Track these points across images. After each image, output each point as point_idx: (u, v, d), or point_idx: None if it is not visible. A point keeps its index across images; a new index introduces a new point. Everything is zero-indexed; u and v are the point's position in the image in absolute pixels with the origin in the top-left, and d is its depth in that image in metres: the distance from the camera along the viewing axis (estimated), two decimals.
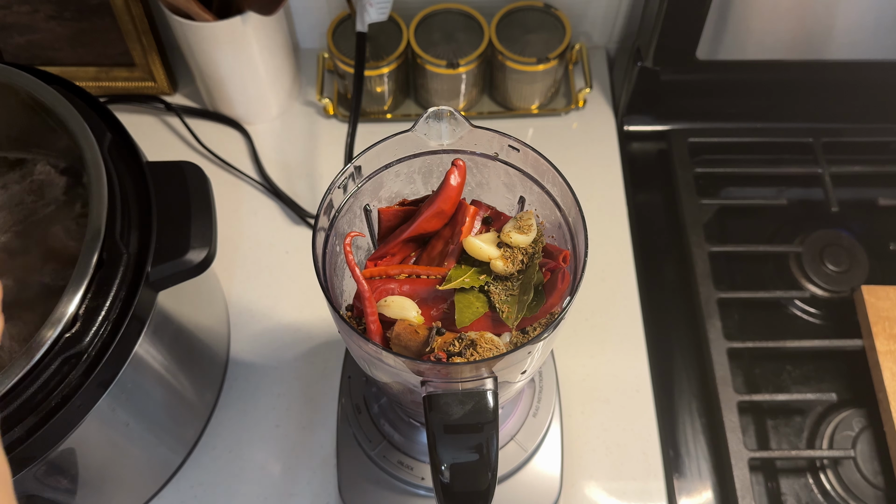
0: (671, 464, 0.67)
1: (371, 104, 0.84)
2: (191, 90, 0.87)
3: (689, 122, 0.85)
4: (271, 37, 0.77)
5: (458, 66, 0.78)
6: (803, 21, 0.72)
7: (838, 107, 0.83)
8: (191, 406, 0.65)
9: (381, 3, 0.75)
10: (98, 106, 0.55)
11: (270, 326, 0.73)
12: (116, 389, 0.49)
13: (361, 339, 0.39)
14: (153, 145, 0.83)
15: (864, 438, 0.67)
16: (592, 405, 0.69)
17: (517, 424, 0.60)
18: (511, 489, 0.60)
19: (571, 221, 0.44)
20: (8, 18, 0.78)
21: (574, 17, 0.85)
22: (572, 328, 0.73)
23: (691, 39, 0.73)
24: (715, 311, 0.72)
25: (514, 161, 0.46)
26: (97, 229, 0.47)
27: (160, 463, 0.64)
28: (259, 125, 0.85)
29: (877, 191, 0.80)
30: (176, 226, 0.52)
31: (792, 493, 0.66)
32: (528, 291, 0.43)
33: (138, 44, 0.80)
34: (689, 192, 0.79)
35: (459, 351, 0.41)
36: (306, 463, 0.66)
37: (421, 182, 0.49)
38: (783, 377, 0.72)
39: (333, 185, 0.43)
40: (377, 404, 0.60)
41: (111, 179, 0.49)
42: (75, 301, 0.45)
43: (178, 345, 0.59)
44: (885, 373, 0.66)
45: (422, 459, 0.58)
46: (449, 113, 0.44)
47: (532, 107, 0.85)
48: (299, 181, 0.81)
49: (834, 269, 0.75)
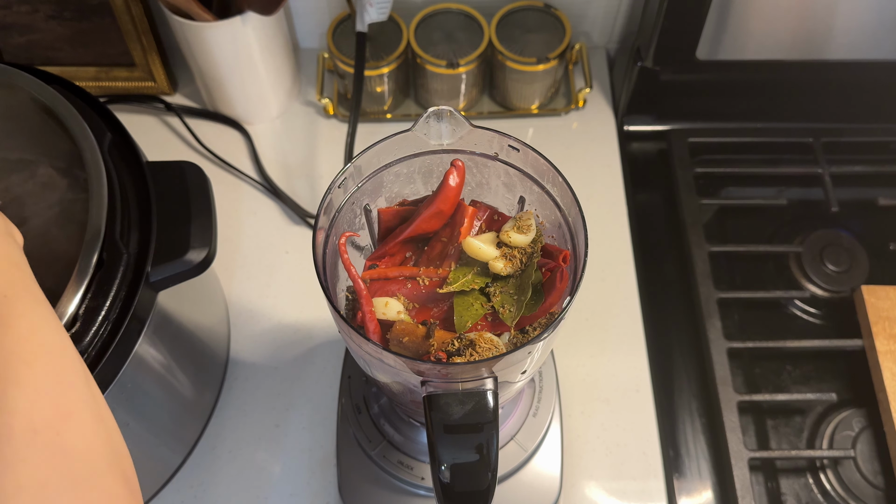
0: (671, 464, 0.67)
1: (371, 104, 0.84)
2: (191, 90, 0.87)
3: (689, 122, 0.85)
4: (271, 37, 0.77)
5: (458, 66, 0.78)
6: (803, 21, 0.72)
7: (838, 107, 0.83)
8: (191, 406, 0.65)
9: (381, 3, 0.75)
10: (98, 106, 0.55)
11: (270, 326, 0.73)
12: (116, 389, 0.49)
13: (361, 338, 0.39)
14: (153, 145, 0.83)
15: (864, 438, 0.67)
16: (592, 405, 0.69)
17: (517, 424, 0.60)
18: (511, 489, 0.60)
19: (571, 221, 0.44)
20: (8, 18, 0.78)
21: (574, 17, 0.85)
22: (572, 328, 0.73)
23: (691, 39, 0.73)
24: (715, 311, 0.72)
25: (514, 161, 0.46)
26: (97, 229, 0.47)
27: (160, 463, 0.64)
28: (259, 125, 0.85)
29: (877, 191, 0.80)
30: (176, 226, 0.52)
31: (792, 493, 0.66)
32: (527, 290, 0.43)
33: (138, 44, 0.80)
34: (689, 192, 0.79)
35: (459, 350, 0.41)
36: (306, 463, 0.66)
37: (421, 182, 0.49)
38: (783, 377, 0.72)
39: (333, 185, 0.43)
40: (377, 404, 0.60)
41: (111, 179, 0.49)
42: (75, 301, 0.45)
43: (178, 345, 0.59)
44: (885, 373, 0.66)
45: (422, 459, 0.58)
46: (449, 113, 0.44)
47: (532, 107, 0.85)
48: (299, 181, 0.81)
49: (834, 269, 0.75)
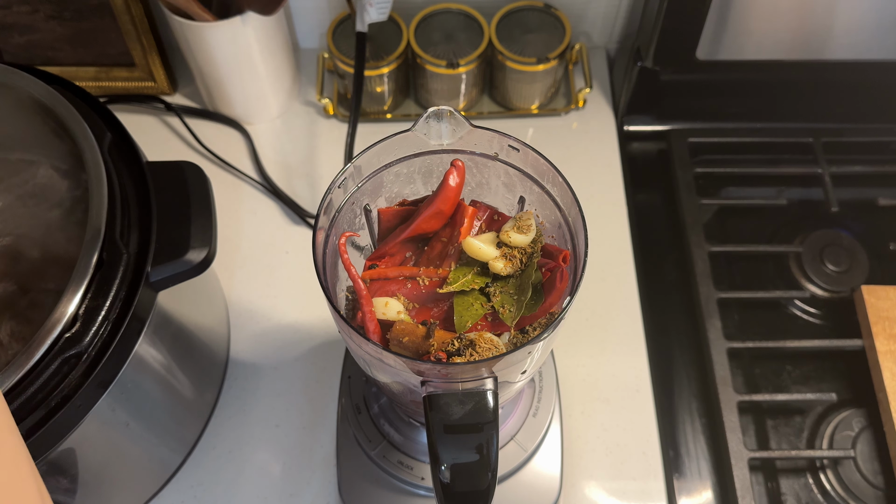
0: (671, 464, 0.67)
1: (371, 104, 0.84)
2: (191, 90, 0.87)
3: (689, 122, 0.85)
4: (271, 37, 0.77)
5: (458, 66, 0.78)
6: (803, 21, 0.72)
7: (838, 107, 0.83)
8: (191, 406, 0.65)
9: (381, 3, 0.75)
10: (98, 106, 0.55)
11: (270, 326, 0.73)
12: (116, 389, 0.49)
13: (361, 338, 0.39)
14: (153, 145, 0.83)
15: (864, 438, 0.67)
16: (592, 405, 0.69)
17: (517, 424, 0.60)
18: (511, 489, 0.60)
19: (571, 221, 0.44)
20: (8, 18, 0.78)
21: (574, 17, 0.85)
22: (572, 328, 0.73)
23: (691, 39, 0.73)
24: (715, 311, 0.72)
25: (514, 161, 0.46)
26: (97, 229, 0.47)
27: (160, 463, 0.64)
28: (259, 125, 0.85)
29: (877, 191, 0.80)
30: (176, 226, 0.52)
31: (792, 493, 0.66)
32: (527, 290, 0.43)
33: (138, 44, 0.80)
34: (689, 192, 0.79)
35: (459, 350, 0.41)
36: (306, 463, 0.66)
37: (421, 182, 0.49)
38: (783, 377, 0.72)
39: (333, 185, 0.43)
40: (377, 404, 0.60)
41: (111, 179, 0.49)
42: (75, 301, 0.45)
43: (178, 345, 0.59)
44: (885, 373, 0.66)
45: (422, 459, 0.58)
46: (449, 113, 0.44)
47: (532, 107, 0.85)
48: (299, 181, 0.81)
49: (834, 269, 0.75)
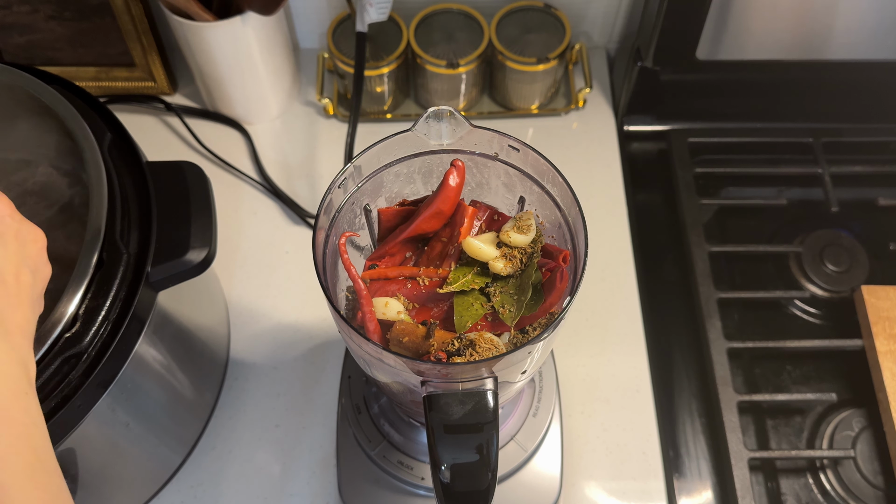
0: (671, 464, 0.67)
1: (371, 104, 0.84)
2: (191, 90, 0.87)
3: (689, 122, 0.85)
4: (271, 37, 0.77)
5: (458, 66, 0.78)
6: (803, 21, 0.72)
7: (838, 107, 0.83)
8: (191, 406, 0.65)
9: (381, 3, 0.75)
10: (98, 106, 0.55)
11: (270, 326, 0.73)
12: (116, 389, 0.49)
13: (362, 338, 0.39)
14: (153, 145, 0.83)
15: (864, 438, 0.67)
16: (592, 405, 0.69)
17: (517, 424, 0.60)
18: (511, 489, 0.60)
19: (571, 221, 0.44)
20: (8, 18, 0.78)
21: (574, 17, 0.85)
22: (572, 328, 0.73)
23: (691, 39, 0.73)
24: (715, 311, 0.72)
25: (514, 161, 0.46)
26: (97, 229, 0.47)
27: (160, 463, 0.64)
28: (259, 125, 0.85)
29: (877, 191, 0.80)
30: (176, 226, 0.52)
31: (792, 493, 0.66)
32: (527, 290, 0.43)
33: (138, 44, 0.80)
34: (689, 192, 0.79)
35: (459, 350, 0.41)
36: (306, 463, 0.66)
37: (421, 182, 0.49)
38: (783, 377, 0.72)
39: (333, 185, 0.43)
40: (377, 404, 0.60)
41: (111, 179, 0.49)
42: (75, 301, 0.45)
43: (178, 345, 0.59)
44: (885, 373, 0.66)
45: (422, 459, 0.58)
46: (449, 113, 0.44)
47: (532, 107, 0.85)
48: (299, 181, 0.81)
49: (834, 269, 0.75)
